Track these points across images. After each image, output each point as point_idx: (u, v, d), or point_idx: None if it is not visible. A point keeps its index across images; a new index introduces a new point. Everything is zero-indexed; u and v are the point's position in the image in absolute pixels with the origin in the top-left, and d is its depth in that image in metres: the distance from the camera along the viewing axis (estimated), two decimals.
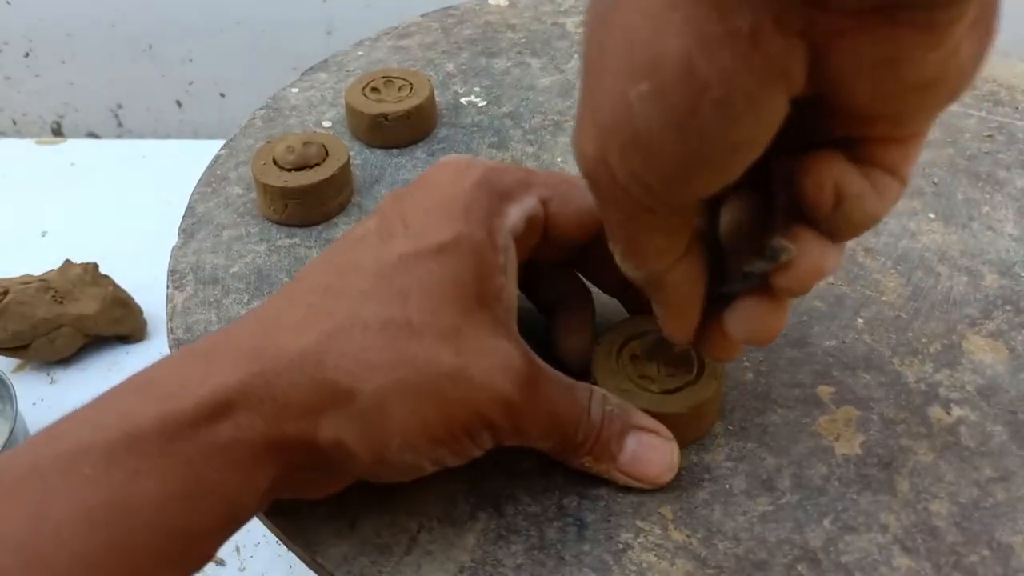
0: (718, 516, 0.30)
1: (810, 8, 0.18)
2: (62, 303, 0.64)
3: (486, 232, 0.28)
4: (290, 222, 0.42)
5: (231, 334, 0.27)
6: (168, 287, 0.39)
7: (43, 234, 0.78)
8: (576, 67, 0.52)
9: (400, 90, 0.47)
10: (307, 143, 0.42)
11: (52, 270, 0.66)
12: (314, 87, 0.51)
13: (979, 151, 0.45)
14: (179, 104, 0.97)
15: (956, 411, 0.33)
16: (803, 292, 0.24)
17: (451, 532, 0.29)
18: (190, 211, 0.43)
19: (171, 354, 0.28)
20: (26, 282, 0.64)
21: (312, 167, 0.42)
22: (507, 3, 0.58)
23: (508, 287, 0.28)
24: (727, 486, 0.31)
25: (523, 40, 0.54)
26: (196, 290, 0.39)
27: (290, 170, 0.41)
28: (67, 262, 0.67)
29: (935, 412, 0.33)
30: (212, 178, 0.45)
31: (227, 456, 0.25)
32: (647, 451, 0.30)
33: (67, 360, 0.66)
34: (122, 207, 0.79)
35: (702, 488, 0.30)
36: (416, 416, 0.26)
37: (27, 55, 0.94)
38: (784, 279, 0.24)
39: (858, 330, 0.36)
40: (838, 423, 0.32)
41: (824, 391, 0.34)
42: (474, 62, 0.53)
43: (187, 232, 0.42)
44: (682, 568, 0.28)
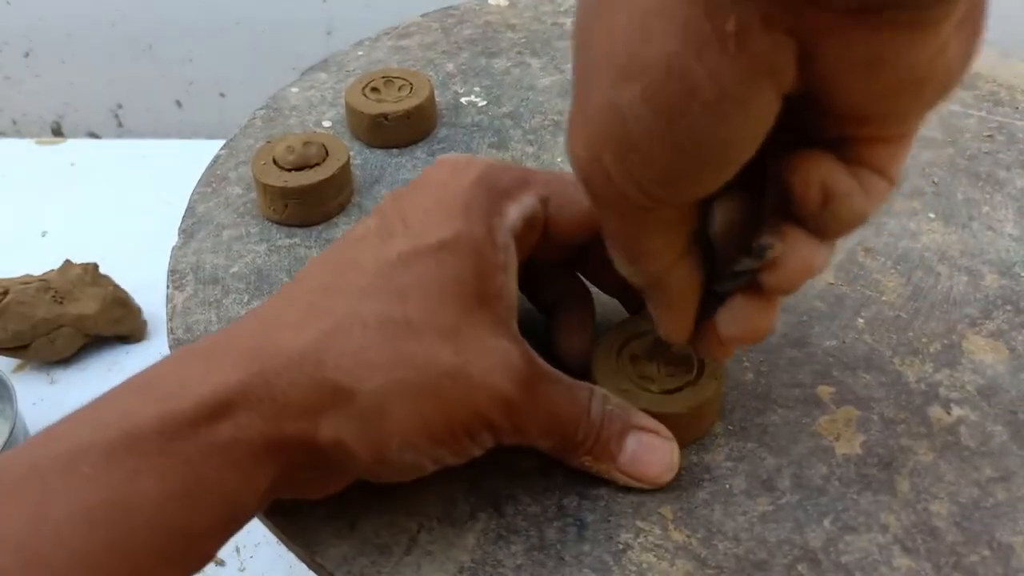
0: (718, 516, 0.30)
1: (798, 6, 0.18)
2: (62, 303, 0.64)
3: (486, 230, 0.28)
4: (290, 222, 0.42)
5: (231, 334, 0.27)
6: (168, 287, 0.39)
7: (43, 234, 0.78)
8: None
9: (400, 90, 0.47)
10: (307, 143, 0.42)
11: (52, 270, 0.66)
12: (314, 87, 0.51)
13: (979, 151, 0.45)
14: (179, 104, 0.97)
15: (956, 411, 0.33)
16: (792, 290, 0.24)
17: (451, 532, 0.29)
18: (190, 211, 0.43)
19: (171, 354, 0.28)
20: (26, 282, 0.64)
21: (312, 167, 0.42)
22: (507, 3, 0.58)
23: (508, 286, 0.28)
24: (727, 486, 0.31)
25: (523, 40, 0.54)
26: (196, 290, 0.39)
27: (290, 170, 0.41)
28: (67, 262, 0.67)
29: (935, 412, 0.33)
30: (212, 178, 0.45)
31: (227, 456, 0.25)
32: (647, 451, 0.30)
33: (67, 360, 0.67)
34: (122, 207, 0.80)
35: (702, 488, 0.30)
36: (416, 415, 0.26)
37: (27, 55, 0.94)
38: (773, 277, 0.24)
39: (858, 330, 0.36)
40: (838, 423, 0.32)
41: (824, 391, 0.34)
42: (474, 62, 0.53)
43: (187, 232, 0.42)
44: (682, 568, 0.28)
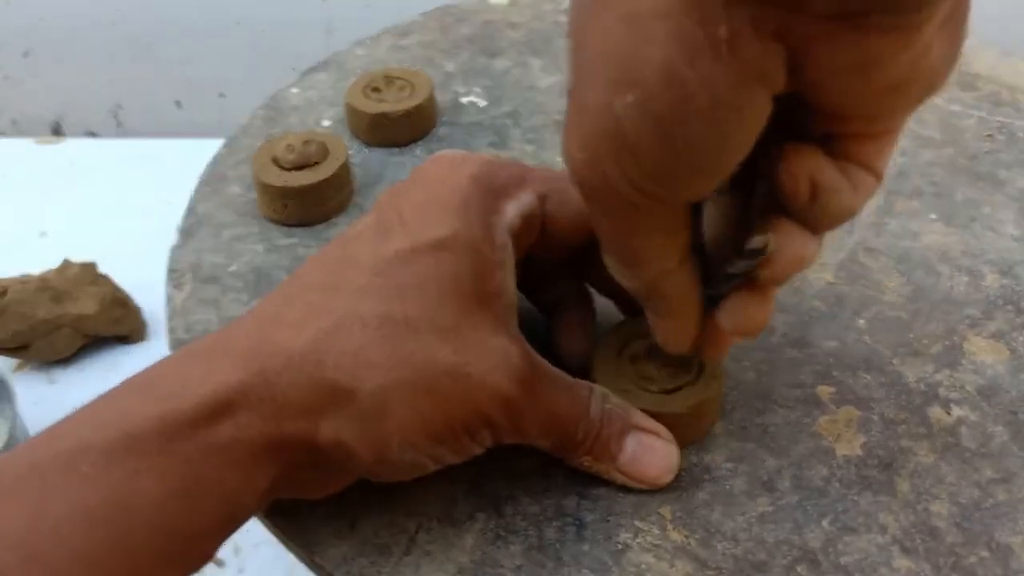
0: (717, 517, 0.30)
1: (785, 13, 0.19)
2: (61, 303, 0.64)
3: (484, 229, 0.28)
4: (290, 222, 0.42)
5: (230, 333, 0.27)
6: (167, 287, 0.39)
7: (42, 234, 0.78)
8: None
9: (400, 90, 0.47)
10: (307, 142, 0.42)
11: (51, 270, 0.66)
12: (314, 87, 0.51)
13: (979, 151, 0.45)
14: (179, 104, 0.97)
15: (956, 412, 0.33)
16: (784, 281, 0.25)
17: (450, 532, 0.29)
18: (190, 211, 0.43)
19: (171, 354, 0.28)
20: (25, 282, 0.64)
21: (312, 166, 0.42)
22: (508, 2, 0.58)
23: (507, 284, 0.28)
24: (727, 486, 0.30)
25: (524, 39, 0.54)
26: (196, 290, 0.39)
27: (290, 169, 0.41)
28: (66, 262, 0.67)
29: (935, 413, 0.33)
30: (212, 178, 0.45)
31: (227, 456, 0.25)
32: (647, 452, 0.29)
33: (67, 360, 0.66)
34: (121, 207, 0.79)
35: (702, 488, 0.30)
36: (416, 414, 0.26)
37: (26, 55, 0.94)
38: (767, 269, 0.25)
39: (859, 330, 0.36)
40: (838, 423, 0.32)
41: (824, 391, 0.33)
42: (474, 61, 0.53)
43: (187, 232, 0.42)
44: (681, 569, 0.28)
